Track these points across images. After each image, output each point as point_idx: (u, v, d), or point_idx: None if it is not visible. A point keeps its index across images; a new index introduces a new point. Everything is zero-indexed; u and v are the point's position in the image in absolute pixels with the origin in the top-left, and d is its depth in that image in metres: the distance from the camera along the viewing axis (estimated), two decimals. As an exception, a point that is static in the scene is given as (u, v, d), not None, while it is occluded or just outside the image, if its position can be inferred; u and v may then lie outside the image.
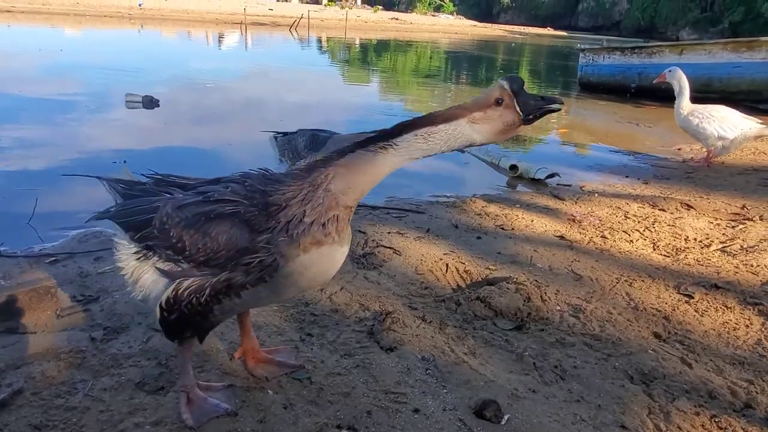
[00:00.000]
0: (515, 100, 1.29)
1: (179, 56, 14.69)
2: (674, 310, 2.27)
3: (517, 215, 3.51)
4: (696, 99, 8.80)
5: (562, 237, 3.13)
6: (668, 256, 2.90)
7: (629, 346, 1.99)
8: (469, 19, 69.74)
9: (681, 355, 1.94)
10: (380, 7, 68.19)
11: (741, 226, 3.41)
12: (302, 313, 2.16)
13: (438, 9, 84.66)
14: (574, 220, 3.47)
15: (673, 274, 2.64)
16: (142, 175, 1.64)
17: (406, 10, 77.03)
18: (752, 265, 2.73)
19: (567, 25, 73.66)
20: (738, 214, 3.70)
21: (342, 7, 55.22)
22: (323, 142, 2.96)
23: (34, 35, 17.87)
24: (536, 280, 2.49)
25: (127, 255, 1.50)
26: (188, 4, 39.97)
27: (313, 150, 2.92)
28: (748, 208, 3.83)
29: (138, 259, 1.47)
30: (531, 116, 1.30)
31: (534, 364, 1.86)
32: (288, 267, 1.34)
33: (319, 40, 26.83)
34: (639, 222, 3.46)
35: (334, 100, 8.77)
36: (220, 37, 24.07)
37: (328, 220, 1.34)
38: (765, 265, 2.73)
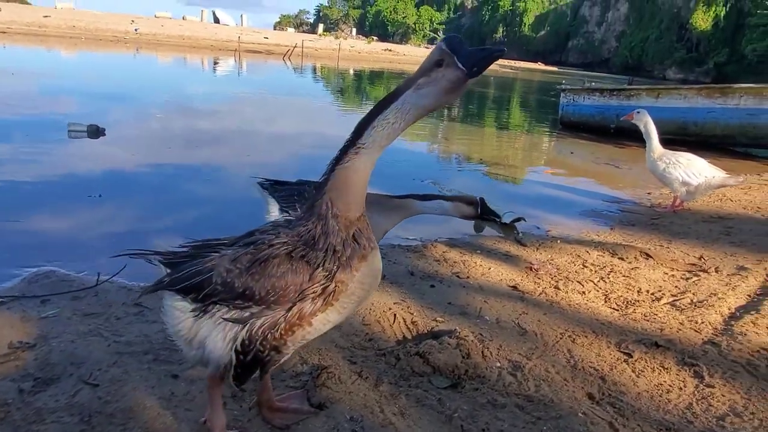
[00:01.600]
0: (455, 58, 1.35)
1: (162, 81, 14.81)
2: (612, 369, 2.29)
3: (476, 262, 3.54)
4: (673, 142, 9.01)
5: (515, 287, 3.16)
6: (617, 310, 2.93)
7: (560, 408, 2.00)
8: (461, 52, 70.83)
9: (610, 419, 1.95)
10: (375, 38, 69.45)
11: (695, 279, 3.46)
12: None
13: (432, 41, 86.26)
14: (531, 269, 3.50)
15: (618, 330, 2.67)
16: (180, 245, 1.71)
17: (400, 42, 78.44)
18: (697, 322, 2.77)
19: (558, 61, 75.25)
20: (695, 264, 3.76)
21: (336, 37, 56.16)
22: None
23: (19, 57, 17.99)
24: (481, 334, 2.50)
25: (184, 317, 1.57)
26: (184, 30, 40.51)
27: None
28: (706, 258, 3.89)
29: (197, 316, 1.55)
30: (476, 68, 1.35)
31: (462, 427, 1.86)
32: (348, 289, 1.51)
33: (306, 69, 27.17)
34: (596, 272, 3.50)
35: (315, 131, 8.86)
36: (215, 62, 24.34)
37: (354, 237, 1.50)
38: (709, 322, 2.77)
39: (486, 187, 6.28)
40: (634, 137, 10.49)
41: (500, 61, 65.76)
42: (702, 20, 57.31)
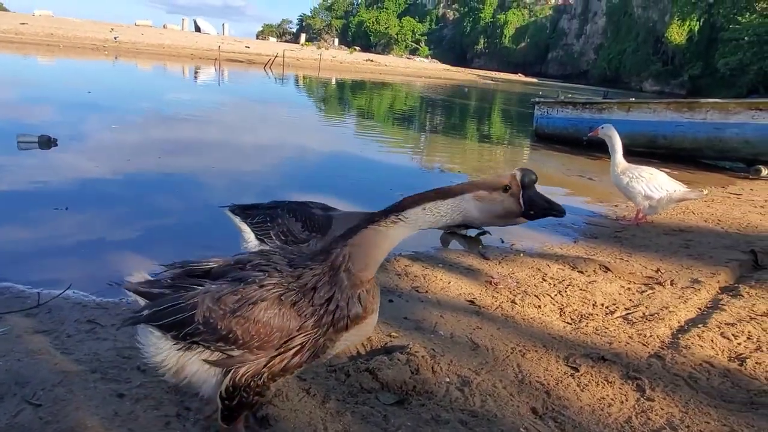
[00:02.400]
0: (522, 192, 1.39)
1: (139, 89, 14.72)
2: (558, 383, 2.34)
3: (437, 276, 3.58)
4: (643, 155, 9.20)
5: (472, 301, 3.20)
6: (570, 324, 2.99)
7: (503, 423, 2.03)
8: (443, 63, 71.69)
9: (550, 433, 2.00)
10: (357, 48, 69.79)
11: (650, 292, 3.54)
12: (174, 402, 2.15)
13: (414, 52, 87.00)
14: (491, 283, 3.55)
15: (569, 344, 2.72)
16: (161, 265, 1.68)
17: (383, 52, 78.90)
18: (645, 335, 2.84)
19: (537, 73, 76.33)
20: (651, 277, 3.84)
21: (318, 47, 56.31)
22: (327, 222, 2.63)
23: None
24: (433, 349, 2.54)
25: (166, 349, 1.53)
26: (164, 39, 40.29)
27: (318, 232, 2.59)
28: (663, 271, 3.98)
29: (180, 349, 1.51)
30: (532, 212, 1.40)
31: (403, 444, 1.89)
32: (335, 345, 1.51)
33: (288, 79, 27.20)
34: (554, 285, 3.57)
35: (292, 143, 8.87)
36: (195, 71, 24.25)
37: (359, 297, 1.47)
38: (657, 336, 2.84)
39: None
40: (606, 150, 10.74)
41: (481, 72, 66.51)
42: (677, 34, 58.70)
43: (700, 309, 3.29)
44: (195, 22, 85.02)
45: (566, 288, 3.52)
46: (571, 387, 2.32)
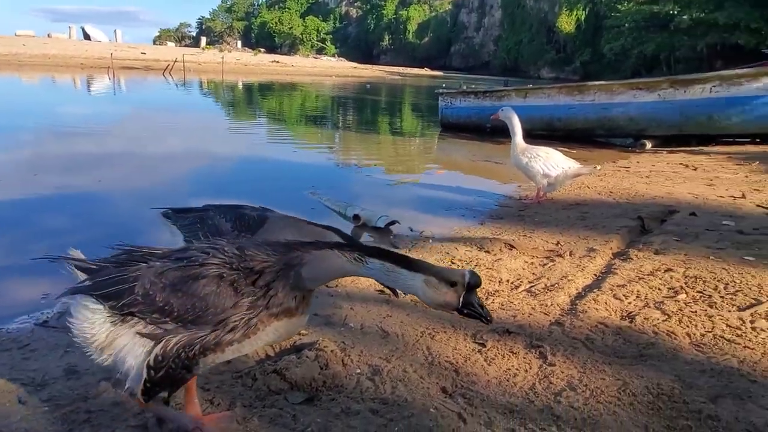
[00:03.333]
0: (464, 293, 1.54)
1: (21, 103, 13.55)
2: (466, 360, 2.38)
3: (347, 270, 3.55)
4: (542, 137, 9.65)
5: (381, 291, 3.20)
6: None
7: (414, 407, 2.04)
8: (350, 60, 71.89)
9: (459, 410, 2.02)
10: (262, 50, 68.34)
11: (551, 264, 3.71)
12: (77, 410, 1.98)
13: (320, 51, 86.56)
14: (401, 270, 3.57)
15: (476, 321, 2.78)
16: (110, 247, 1.73)
17: (288, 53, 77.83)
18: (547, 305, 2.96)
19: (442, 66, 78.39)
20: (552, 250, 4.03)
21: (221, 50, 54.56)
22: (260, 222, 2.53)
23: None
24: (343, 342, 2.50)
25: (99, 323, 1.57)
26: (49, 48, 37.42)
27: (248, 231, 2.50)
28: (562, 243, 4.19)
29: (113, 323, 1.56)
30: (465, 311, 1.56)
31: (313, 441, 1.84)
32: (265, 329, 1.57)
33: (190, 84, 26.17)
34: (461, 266, 3.64)
35: (198, 149, 8.50)
36: (88, 81, 22.69)
37: (295, 297, 1.59)
38: (557, 304, 2.97)
39: (372, 192, 6.38)
40: (508, 135, 11.22)
41: (388, 68, 67.30)
42: (566, 23, 62.46)
43: (595, 275, 3.49)
44: (83, 29, 79.66)
45: (474, 268, 3.61)
46: (479, 362, 2.37)
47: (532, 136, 8.08)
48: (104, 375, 2.18)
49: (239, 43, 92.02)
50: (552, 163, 5.52)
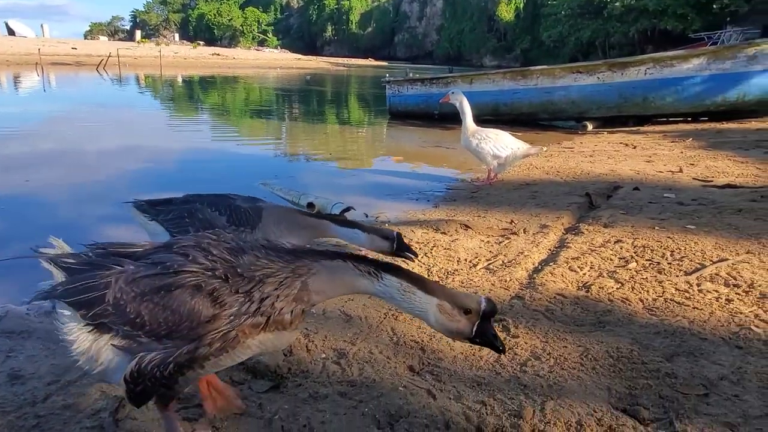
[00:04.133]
0: (478, 321, 1.44)
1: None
2: (431, 339, 2.38)
3: (305, 257, 3.48)
4: (489, 122, 9.77)
5: (342, 276, 3.16)
6: (438, 281, 3.07)
7: (382, 387, 2.01)
8: (293, 52, 70.82)
9: (428, 387, 2.01)
10: (201, 43, 66.33)
11: (506, 241, 3.77)
12: (24, 416, 1.85)
13: (262, 43, 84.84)
14: (360, 255, 3.53)
15: (438, 300, 2.79)
16: (82, 245, 1.61)
17: (229, 45, 75.89)
18: (506, 280, 3.00)
19: (386, 56, 78.48)
20: (506, 229, 4.09)
21: (157, 44, 52.57)
22: (256, 215, 2.36)
23: None
24: (306, 328, 2.45)
25: (77, 330, 1.46)
26: (-33, 44, 35.05)
27: (246, 225, 2.33)
28: (515, 222, 4.26)
29: (91, 332, 1.45)
30: (478, 340, 1.46)
31: (282, 428, 1.79)
32: (248, 341, 1.43)
33: (127, 79, 25.13)
34: (420, 248, 3.64)
35: (136, 144, 8.15)
36: (15, 78, 21.37)
37: (292, 310, 1.44)
38: (516, 279, 3.02)
39: (324, 181, 6.29)
40: (457, 120, 11.35)
41: (333, 60, 66.75)
42: (506, 12, 63.71)
43: (550, 250, 3.57)
44: (7, 24, 74.87)
45: (431, 249, 3.62)
46: (444, 340, 2.36)
47: (479, 121, 8.15)
48: (52, 378, 2.05)
49: (177, 36, 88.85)
50: (501, 144, 5.61)
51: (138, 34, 78.45)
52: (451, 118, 11.39)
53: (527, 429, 1.76)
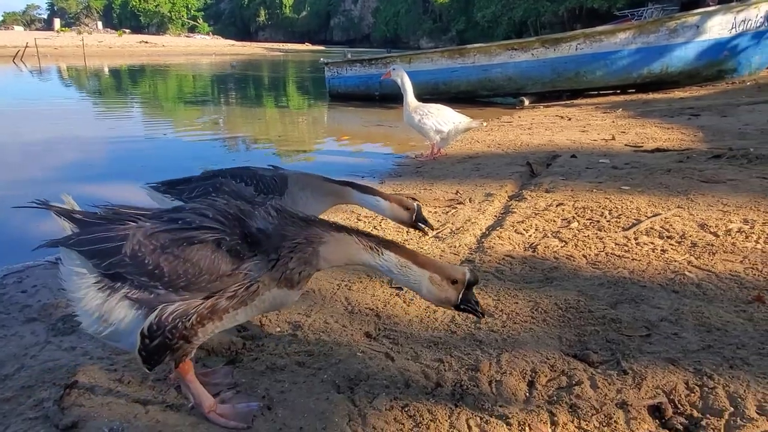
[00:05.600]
0: (463, 290, 1.58)
1: None
2: (386, 305, 2.38)
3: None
4: (429, 101, 9.83)
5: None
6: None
7: (340, 354, 2.01)
8: (226, 38, 68.69)
9: (386, 350, 2.02)
10: (126, 30, 63.23)
11: (453, 211, 3.82)
12: (-42, 414, 1.72)
13: (192, 30, 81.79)
14: (309, 232, 3.49)
15: (390, 268, 2.80)
16: (93, 206, 1.62)
17: (157, 33, 72.72)
18: (455, 246, 3.05)
19: (323, 40, 77.46)
20: (452, 199, 4.15)
21: (80, 32, 49.66)
22: (282, 182, 2.37)
23: None
24: (258, 305, 2.40)
25: (86, 287, 1.46)
26: None
27: (273, 193, 2.33)
28: (461, 192, 4.33)
29: (101, 288, 1.45)
30: (462, 307, 1.61)
31: (240, 401, 1.75)
32: (264, 295, 1.51)
33: (48, 71, 23.65)
34: (368, 223, 3.64)
35: (63, 136, 7.69)
36: None
37: (301, 272, 1.53)
38: (465, 244, 3.07)
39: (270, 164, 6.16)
40: (398, 100, 11.37)
41: (268, 45, 65.27)
42: (440, -7, 64.01)
43: (495, 216, 3.65)
44: None
45: (380, 223, 3.62)
46: (399, 305, 2.38)
47: (420, 100, 8.24)
48: (-14, 373, 1.92)
49: (100, 24, 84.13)
50: (443, 118, 5.66)
51: (57, 22, 73.76)
52: (392, 98, 11.39)
53: (485, 380, 1.80)
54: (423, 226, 2.47)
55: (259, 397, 1.77)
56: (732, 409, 1.59)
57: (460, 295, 1.59)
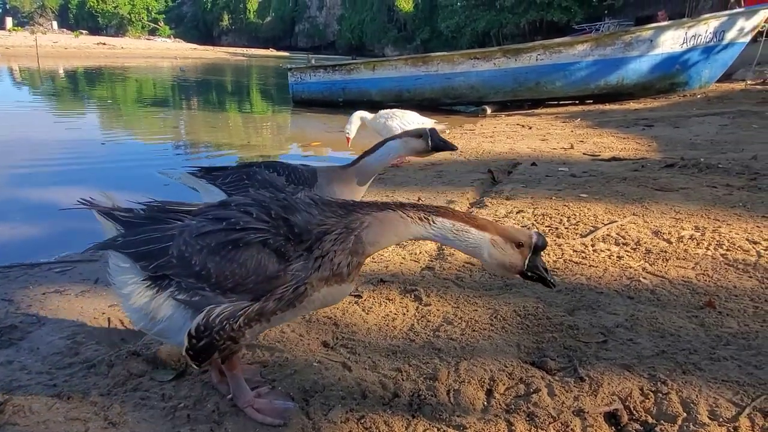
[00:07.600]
0: (530, 254, 1.49)
1: None
2: (344, 314, 2.33)
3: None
4: (393, 107, 9.86)
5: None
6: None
7: (296, 364, 1.94)
8: (188, 42, 67.52)
9: (343, 360, 1.97)
10: (84, 31, 61.44)
11: (415, 218, 3.80)
12: None
13: (153, 32, 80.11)
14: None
15: (350, 276, 2.75)
16: (138, 203, 1.61)
17: (116, 35, 70.94)
18: (416, 254, 3.02)
19: (288, 46, 77.03)
20: (414, 207, 4.13)
21: (33, 32, 47.95)
22: (312, 175, 2.45)
23: None
24: (212, 314, 2.31)
25: (134, 285, 1.47)
26: None
27: (303, 185, 2.41)
28: (422, 199, 4.31)
29: (149, 287, 1.46)
30: (530, 273, 1.51)
31: (188, 416, 1.67)
32: (313, 295, 1.47)
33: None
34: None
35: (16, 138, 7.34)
36: None
37: (349, 263, 1.48)
38: (425, 251, 3.05)
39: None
40: (361, 107, 11.36)
41: (231, 50, 64.47)
42: (405, 2, 64.62)
43: (457, 223, 3.64)
44: None
45: (341, 229, 3.57)
46: (357, 313, 2.33)
47: (384, 107, 8.26)
48: None
49: (55, 24, 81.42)
50: (408, 120, 5.69)
51: (9, 21, 70.95)
52: (355, 105, 11.42)
53: (443, 389, 1.77)
54: (445, 146, 2.48)
55: (208, 412, 1.69)
56: (685, 414, 1.61)
57: (527, 261, 1.49)
